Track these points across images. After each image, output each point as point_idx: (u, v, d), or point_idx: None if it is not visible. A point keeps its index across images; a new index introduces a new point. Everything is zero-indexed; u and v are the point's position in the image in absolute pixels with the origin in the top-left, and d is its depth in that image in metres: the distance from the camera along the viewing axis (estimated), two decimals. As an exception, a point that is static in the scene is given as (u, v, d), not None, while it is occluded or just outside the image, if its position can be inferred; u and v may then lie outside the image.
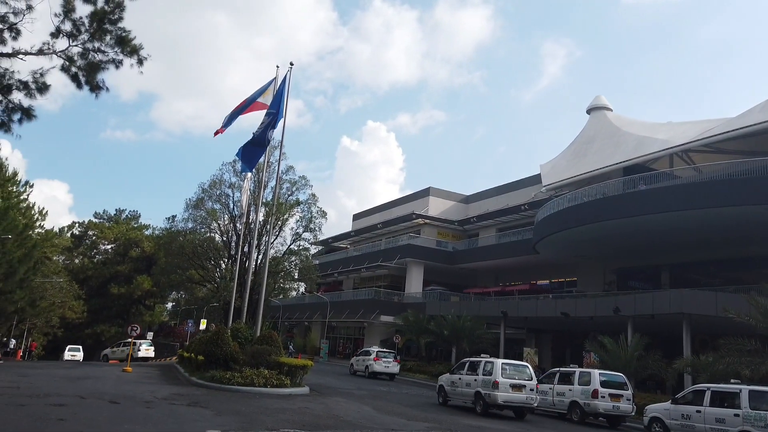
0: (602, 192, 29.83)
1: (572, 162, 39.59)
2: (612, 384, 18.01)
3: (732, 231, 25.94)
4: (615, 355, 22.28)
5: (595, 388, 17.64)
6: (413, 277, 47.19)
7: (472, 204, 52.08)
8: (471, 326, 31.78)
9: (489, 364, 17.41)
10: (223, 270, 36.45)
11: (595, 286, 35.10)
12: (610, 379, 18.23)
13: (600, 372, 18.64)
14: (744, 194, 23.74)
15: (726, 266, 29.93)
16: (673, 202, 25.68)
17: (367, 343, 44.78)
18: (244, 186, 25.80)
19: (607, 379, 18.09)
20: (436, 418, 15.09)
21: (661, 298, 23.38)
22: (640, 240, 29.56)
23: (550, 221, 32.18)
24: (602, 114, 42.44)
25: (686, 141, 30.93)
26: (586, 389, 17.88)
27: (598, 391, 17.58)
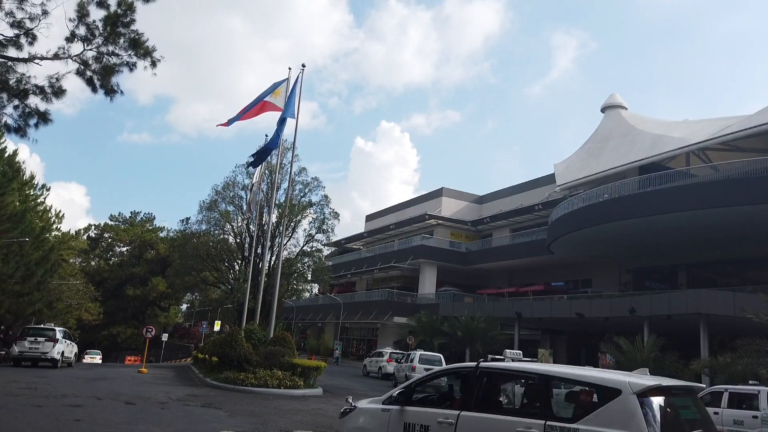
0: (617, 191, 29.53)
1: (586, 161, 39.24)
2: None
3: (750, 230, 25.54)
4: (631, 357, 22.02)
5: None
6: (426, 278, 47.07)
7: (486, 204, 51.85)
8: (485, 327, 31.62)
9: None
10: (236, 271, 36.65)
11: (611, 287, 34.75)
12: None
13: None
14: (762, 192, 23.37)
15: (744, 266, 29.47)
16: (690, 201, 25.35)
17: (380, 344, 44.74)
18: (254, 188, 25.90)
19: None
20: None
21: (678, 299, 23.09)
22: (656, 240, 29.22)
23: (564, 221, 31.92)
24: (617, 112, 42.03)
25: (703, 139, 30.50)
26: None
27: None
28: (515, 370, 5.56)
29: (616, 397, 4.57)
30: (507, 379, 5.79)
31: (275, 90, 21.42)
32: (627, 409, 4.46)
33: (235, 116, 20.43)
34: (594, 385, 4.90)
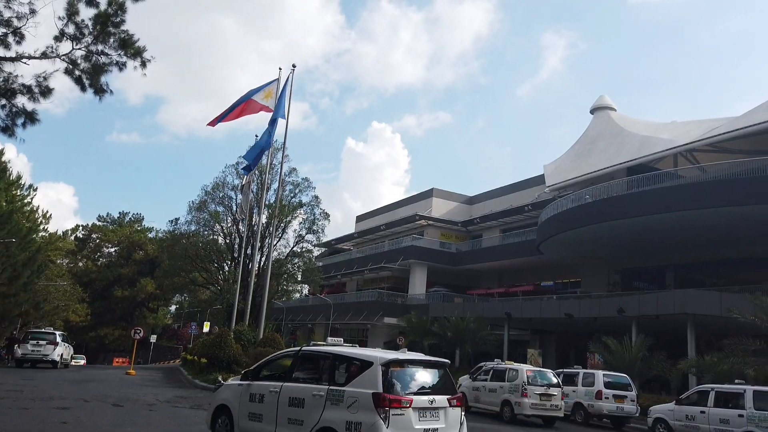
0: (606, 192, 29.73)
1: (576, 162, 39.49)
2: (616, 385, 17.94)
3: (737, 231, 25.83)
4: (619, 356, 22.19)
5: (599, 389, 17.57)
6: (417, 279, 47.11)
7: (476, 205, 51.99)
8: (474, 328, 31.68)
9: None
10: (226, 272, 36.47)
11: (599, 287, 34.97)
12: (614, 380, 18.16)
13: (604, 373, 18.57)
14: (749, 194, 23.64)
15: (731, 266, 29.79)
16: (678, 202, 25.58)
17: (370, 344, 44.69)
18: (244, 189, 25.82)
19: (611, 380, 18.02)
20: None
21: (666, 299, 23.29)
22: (644, 240, 29.46)
23: (553, 222, 32.09)
24: (606, 114, 42.32)
25: (690, 140, 30.81)
26: (590, 390, 17.81)
27: (602, 392, 17.51)
28: (317, 351, 8.04)
29: (370, 367, 6.92)
30: (315, 359, 7.95)
31: (266, 90, 21.36)
32: (375, 375, 6.80)
33: (222, 114, 20.33)
34: (359, 359, 7.18)
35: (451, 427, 7.15)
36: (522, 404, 16.00)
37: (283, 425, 7.43)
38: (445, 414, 7.13)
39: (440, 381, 7.42)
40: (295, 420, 7.29)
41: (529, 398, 15.98)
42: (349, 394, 6.87)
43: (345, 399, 6.87)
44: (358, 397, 6.75)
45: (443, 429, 7.02)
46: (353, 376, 7.04)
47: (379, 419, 6.50)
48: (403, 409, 6.70)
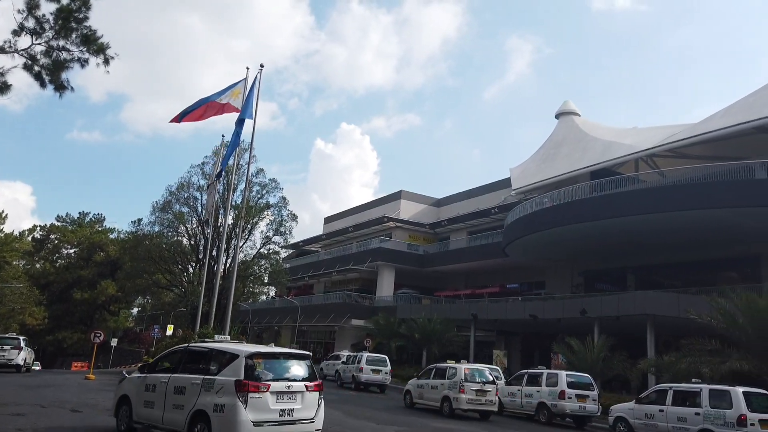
0: (570, 196, 30.34)
1: (541, 166, 40.21)
2: (578, 385, 18.30)
3: (694, 234, 26.67)
4: (581, 357, 22.63)
5: (562, 389, 17.90)
6: (384, 281, 47.19)
7: (444, 207, 52.40)
8: (441, 329, 31.91)
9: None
10: (190, 274, 35.77)
11: (563, 288, 35.64)
12: (576, 380, 18.52)
13: (567, 373, 18.93)
14: (706, 198, 24.43)
15: (689, 268, 30.75)
16: (638, 206, 26.26)
17: (337, 347, 44.57)
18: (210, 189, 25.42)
19: (573, 380, 18.38)
20: (406, 421, 15.11)
21: (626, 300, 23.86)
22: (606, 243, 30.16)
23: (519, 224, 32.57)
24: (570, 119, 43.26)
25: (651, 146, 31.75)
26: (553, 390, 18.13)
27: (565, 392, 17.84)
28: (199, 347, 9.41)
29: (236, 359, 8.25)
30: (198, 353, 9.27)
31: (233, 90, 21.05)
32: (239, 365, 8.14)
33: (185, 110, 19.92)
34: (229, 353, 8.50)
35: (307, 408, 8.48)
36: (459, 400, 17.32)
37: (169, 410, 8.69)
38: (302, 397, 8.45)
39: (301, 370, 8.77)
40: (178, 405, 8.54)
41: (466, 394, 17.32)
42: (218, 381, 8.18)
43: (215, 386, 8.17)
44: (224, 384, 8.07)
45: (299, 409, 8.36)
46: (223, 367, 8.37)
47: (239, 401, 7.79)
48: (261, 393, 7.99)
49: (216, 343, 9.60)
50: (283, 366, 8.68)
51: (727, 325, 17.12)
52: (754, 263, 27.89)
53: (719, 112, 30.98)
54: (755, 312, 16.49)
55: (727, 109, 30.35)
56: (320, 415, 8.75)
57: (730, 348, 17.32)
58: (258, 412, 7.89)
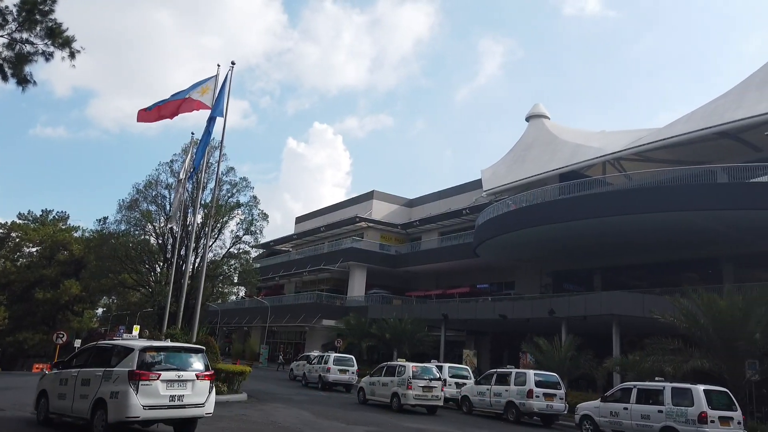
0: (539, 197, 30.78)
1: (512, 168, 40.73)
2: (546, 384, 18.57)
3: (659, 236, 27.33)
4: (549, 356, 22.98)
5: (530, 388, 18.13)
6: (356, 281, 47.13)
7: (416, 208, 52.61)
8: (412, 329, 32.02)
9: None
10: (158, 274, 35.09)
11: (532, 289, 36.14)
12: (544, 379, 18.79)
13: (535, 372, 19.19)
14: (669, 201, 25.05)
15: (653, 269, 31.53)
16: (605, 208, 26.79)
17: (308, 347, 44.32)
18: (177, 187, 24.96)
19: (541, 379, 18.64)
20: (376, 421, 15.11)
21: (593, 300, 24.30)
22: (574, 244, 30.69)
23: (489, 225, 32.90)
24: (540, 122, 43.94)
25: (618, 149, 32.46)
26: (521, 389, 18.36)
27: (533, 391, 18.08)
28: (105, 344, 10.70)
29: (131, 352, 9.45)
30: (103, 349, 10.37)
31: (203, 87, 20.73)
32: (133, 358, 9.33)
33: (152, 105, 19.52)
34: (126, 347, 9.73)
35: (197, 395, 9.60)
36: (407, 395, 18.35)
37: (77, 400, 9.76)
38: (193, 385, 9.59)
39: (193, 362, 9.93)
40: (84, 395, 9.61)
41: (414, 390, 18.34)
42: (116, 372, 9.30)
43: (112, 376, 9.28)
44: (120, 374, 9.20)
45: (189, 395, 9.48)
46: (121, 360, 9.50)
47: (131, 388, 8.95)
48: (152, 381, 9.13)
49: (120, 340, 11.31)
50: (175, 358, 9.83)
51: (689, 325, 17.57)
52: (715, 265, 28.75)
53: (683, 117, 31.86)
54: (716, 312, 16.95)
55: (690, 114, 31.24)
56: (211, 400, 9.83)
57: (692, 347, 17.81)
58: (148, 398, 9.03)
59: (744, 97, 28.53)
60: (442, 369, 22.99)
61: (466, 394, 20.86)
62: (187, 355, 10.03)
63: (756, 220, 23.92)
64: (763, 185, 24.29)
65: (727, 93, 30.64)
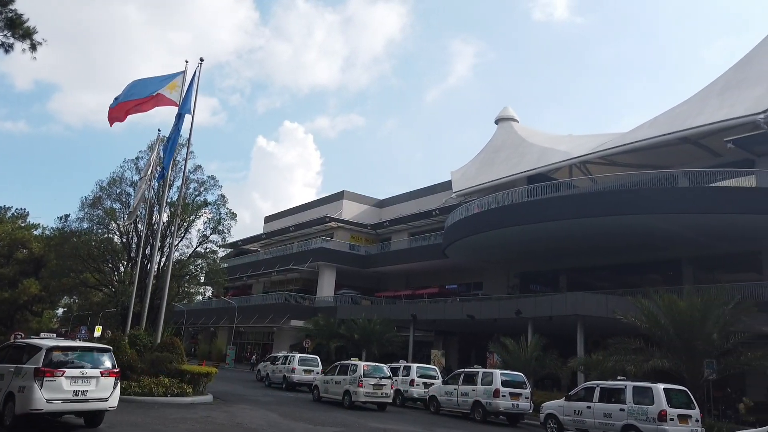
0: (508, 199, 31.15)
1: (481, 170, 41.16)
2: (512, 383, 18.80)
3: (623, 238, 27.95)
4: (516, 356, 23.27)
5: (497, 388, 18.34)
6: (325, 281, 46.92)
7: (386, 208, 52.68)
8: (381, 330, 32.03)
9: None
10: (121, 273, 34.23)
11: (500, 290, 36.56)
12: (510, 378, 19.03)
13: (502, 372, 19.42)
14: (633, 204, 25.64)
15: (617, 271, 32.24)
16: (571, 210, 27.27)
17: (275, 347, 43.94)
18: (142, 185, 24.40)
19: (508, 379, 18.87)
20: (344, 422, 15.06)
21: (558, 301, 24.71)
22: (541, 245, 31.17)
23: (459, 226, 33.15)
24: (509, 124, 44.52)
25: (584, 153, 33.10)
26: (488, 389, 18.54)
27: (499, 390, 18.28)
28: (20, 343, 11.78)
29: (39, 350, 10.38)
30: (18, 347, 11.39)
31: (170, 83, 20.36)
32: (40, 356, 10.24)
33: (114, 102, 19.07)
34: (36, 346, 10.68)
35: (101, 391, 10.53)
36: (357, 393, 19.09)
37: None
38: (97, 382, 10.53)
39: (100, 360, 10.91)
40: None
41: (364, 388, 19.10)
42: (24, 369, 10.19)
43: (22, 372, 10.19)
44: (27, 371, 10.09)
45: (93, 391, 10.42)
46: (30, 357, 10.41)
47: (35, 384, 9.83)
48: (56, 377, 10.05)
49: (35, 339, 12.36)
50: (82, 357, 10.78)
51: (650, 325, 18.02)
52: (676, 267, 29.55)
53: (647, 122, 32.67)
54: (676, 313, 17.43)
55: (654, 120, 32.06)
56: (115, 395, 10.73)
57: (653, 347, 18.26)
58: (53, 392, 9.94)
59: (705, 104, 29.41)
60: (410, 369, 23.06)
61: (433, 394, 20.98)
62: (93, 354, 10.96)
63: (714, 223, 24.68)
64: (722, 190, 25.09)
65: (689, 99, 31.54)
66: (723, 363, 17.14)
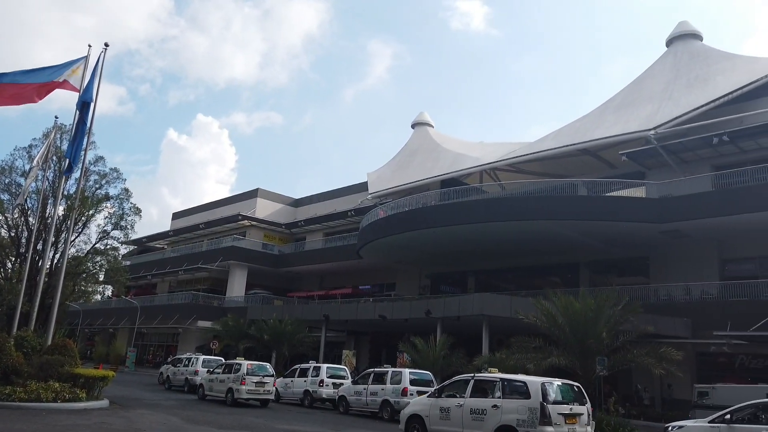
0: (421, 202, 31.89)
1: (397, 172, 41.85)
2: (420, 382, 19.23)
3: (527, 242, 29.43)
4: (424, 355, 23.80)
5: (405, 387, 18.66)
6: (236, 281, 45.70)
7: (301, 207, 52.19)
8: (292, 330, 31.64)
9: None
10: (8, 270, 31.52)
11: (412, 290, 37.30)
12: (419, 377, 19.46)
13: (411, 371, 19.79)
14: (537, 210, 27.09)
15: (522, 273, 33.89)
16: (480, 215, 28.35)
17: (181, 349, 42.27)
18: (30, 173, 22.65)
19: (416, 378, 19.27)
20: (250, 424, 14.73)
21: (466, 302, 25.54)
22: (452, 248, 32.13)
23: (373, 228, 33.47)
24: (425, 129, 45.64)
25: (494, 160, 34.59)
26: (396, 388, 18.82)
27: (407, 389, 18.61)
28: None
29: None
30: None
31: (72, 68, 19.04)
32: None
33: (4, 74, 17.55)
34: None
35: None
36: (240, 390, 19.93)
37: None
38: None
39: None
40: None
41: (247, 386, 19.91)
42: None
43: None
44: None
45: None
46: None
47: None
48: None
49: None
50: None
51: (549, 324, 19.04)
52: (574, 270, 31.50)
53: (552, 133, 34.65)
54: (572, 313, 18.52)
55: (558, 131, 34.07)
56: None
57: (551, 345, 19.30)
58: None
59: (603, 119, 31.64)
60: (320, 370, 22.98)
61: (343, 394, 21.00)
62: None
63: (609, 230, 26.56)
64: (615, 199, 27.07)
65: (590, 114, 33.79)
66: (612, 360, 18.41)
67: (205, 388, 22.23)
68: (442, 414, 12.27)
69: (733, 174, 24.81)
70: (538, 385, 11.07)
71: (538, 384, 11.10)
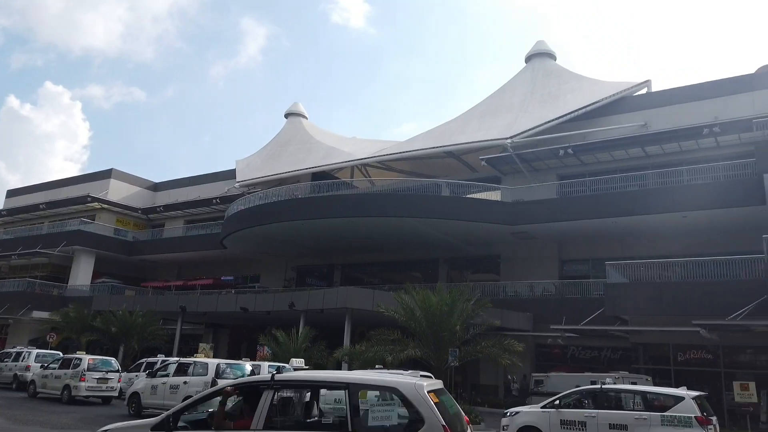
0: (291, 194, 31.50)
1: (267, 162, 40.90)
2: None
3: (392, 238, 30.32)
4: (285, 347, 23.53)
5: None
6: (81, 268, 41.71)
7: (161, 192, 48.92)
8: (143, 322, 29.66)
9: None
10: None
11: (277, 283, 36.73)
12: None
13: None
14: (402, 207, 28.01)
15: (386, 267, 34.85)
16: (349, 209, 28.68)
17: (10, 342, 37.80)
18: None
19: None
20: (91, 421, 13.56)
21: (330, 295, 25.72)
22: (320, 241, 32.15)
23: (240, 217, 32.43)
24: (298, 120, 45.12)
25: (365, 156, 35.17)
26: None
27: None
28: None
29: None
30: None
31: None
32: None
33: None
34: None
35: None
36: (79, 387, 18.87)
37: None
38: None
39: None
40: None
41: (87, 382, 18.97)
42: None
43: None
44: None
45: None
46: None
47: None
48: None
49: None
50: None
51: (408, 318, 19.76)
52: (434, 265, 33.06)
53: (421, 134, 36.03)
54: (429, 307, 19.38)
55: (426, 133, 35.53)
56: None
57: (410, 338, 20.08)
58: None
59: (468, 124, 33.52)
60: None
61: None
62: None
63: (466, 229, 28.23)
64: (473, 201, 28.84)
65: (457, 118, 35.64)
66: (463, 351, 19.59)
67: (37, 384, 20.64)
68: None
69: (574, 184, 27.59)
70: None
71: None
